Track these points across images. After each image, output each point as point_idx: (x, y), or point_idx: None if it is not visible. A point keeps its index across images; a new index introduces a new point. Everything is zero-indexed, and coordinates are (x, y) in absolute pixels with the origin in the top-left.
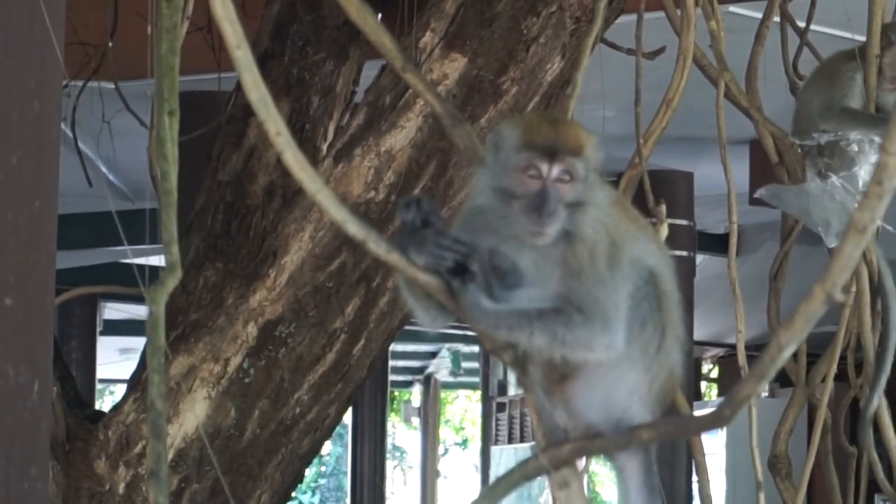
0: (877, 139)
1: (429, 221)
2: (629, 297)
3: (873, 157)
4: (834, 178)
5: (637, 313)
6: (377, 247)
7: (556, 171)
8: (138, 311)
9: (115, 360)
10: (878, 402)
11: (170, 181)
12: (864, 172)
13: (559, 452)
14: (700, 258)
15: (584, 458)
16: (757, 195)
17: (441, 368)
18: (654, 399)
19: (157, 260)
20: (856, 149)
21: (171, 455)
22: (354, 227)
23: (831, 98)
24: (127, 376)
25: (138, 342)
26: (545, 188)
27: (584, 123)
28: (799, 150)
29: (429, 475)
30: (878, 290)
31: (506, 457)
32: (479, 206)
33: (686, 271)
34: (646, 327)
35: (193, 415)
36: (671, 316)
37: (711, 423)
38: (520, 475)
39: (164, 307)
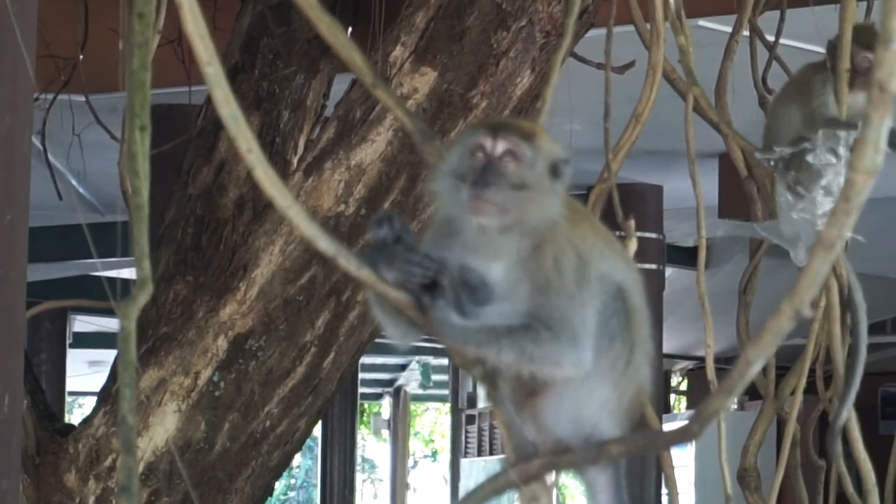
0: (842, 150)
1: (400, 238)
2: (598, 314)
3: (840, 168)
4: (801, 191)
5: (606, 330)
6: (348, 263)
7: (500, 147)
8: (108, 324)
9: (85, 373)
10: (848, 415)
11: (141, 196)
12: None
13: (528, 467)
14: (669, 271)
15: (553, 473)
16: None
17: (411, 381)
18: (623, 414)
19: (128, 272)
20: (821, 161)
21: (141, 468)
22: (325, 243)
23: (812, 110)
24: (96, 389)
25: (108, 354)
26: (489, 163)
27: (554, 137)
28: (769, 165)
29: (398, 488)
30: (847, 303)
31: (475, 469)
32: (448, 220)
33: (655, 284)
34: (615, 344)
35: (163, 428)
36: (640, 332)
37: (680, 437)
38: (490, 489)
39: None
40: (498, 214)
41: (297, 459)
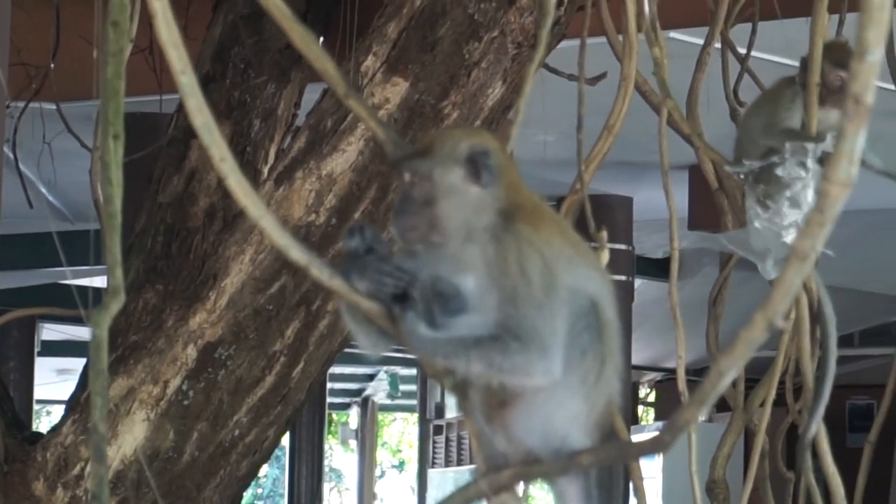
0: (810, 163)
1: (372, 248)
2: (571, 327)
3: (808, 181)
4: (770, 204)
5: (578, 343)
6: (320, 272)
7: (406, 175)
8: (76, 333)
9: (53, 381)
10: (817, 427)
11: (114, 205)
12: (802, 198)
13: (499, 477)
14: (638, 282)
15: (523, 483)
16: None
17: (379, 391)
18: (593, 425)
19: (98, 281)
20: (790, 174)
21: (109, 477)
22: (298, 253)
23: (774, 120)
24: (64, 397)
25: (76, 363)
26: (405, 193)
27: (526, 148)
28: (739, 178)
29: (365, 497)
30: (817, 316)
31: (443, 480)
32: None
33: (624, 296)
34: (586, 357)
35: (132, 436)
36: (611, 345)
37: (652, 448)
38: (459, 499)
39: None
40: (423, 235)
41: (265, 469)
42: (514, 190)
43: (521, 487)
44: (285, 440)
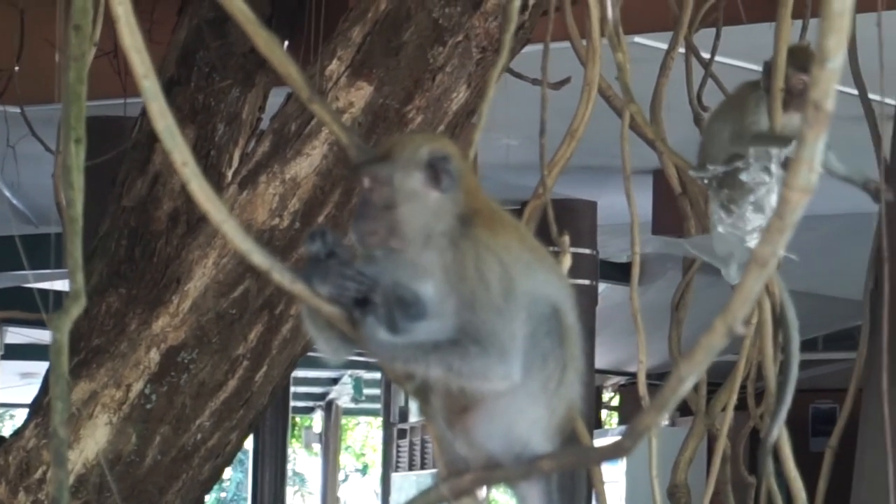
0: (774, 168)
1: (333, 252)
2: (531, 333)
3: (772, 186)
4: (734, 208)
5: (538, 348)
6: (282, 277)
7: (366, 181)
8: (40, 336)
9: (16, 385)
10: (779, 432)
11: (75, 209)
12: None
13: (460, 482)
14: (602, 287)
15: (484, 488)
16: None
17: (343, 395)
18: (554, 430)
19: (61, 285)
20: (754, 179)
21: (71, 481)
22: (259, 258)
23: (742, 126)
24: (28, 400)
25: (39, 366)
26: (365, 198)
27: (490, 152)
28: (703, 183)
29: (329, 501)
30: (779, 320)
31: (406, 483)
32: None
33: (588, 300)
34: (547, 362)
35: (94, 441)
36: (572, 350)
37: (613, 453)
38: (421, 503)
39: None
40: (381, 240)
41: (228, 473)
42: (473, 195)
43: (482, 492)
44: (249, 444)
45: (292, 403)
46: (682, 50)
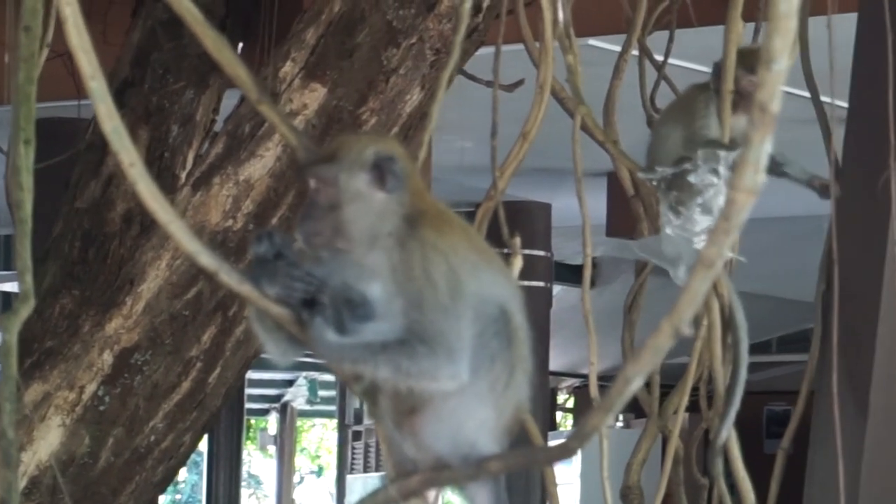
0: (722, 170)
1: (281, 254)
2: (479, 334)
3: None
4: (683, 210)
5: (486, 349)
6: (229, 278)
7: (312, 182)
8: None
9: None
10: (728, 433)
11: (25, 210)
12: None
13: (408, 483)
14: (557, 289)
15: (433, 489)
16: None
17: (298, 396)
18: (502, 431)
19: (10, 286)
20: (703, 181)
21: (24, 483)
22: (207, 259)
23: (693, 131)
24: None
25: None
26: (311, 199)
27: (444, 154)
28: (652, 184)
29: (284, 503)
30: (729, 322)
31: (361, 485)
32: None
33: (543, 302)
34: (495, 364)
35: (47, 442)
36: (521, 351)
37: (558, 454)
38: None
39: (19, 334)
40: (327, 241)
41: (183, 474)
42: (419, 196)
43: (432, 493)
44: (203, 446)
45: (247, 405)
46: (635, 52)
